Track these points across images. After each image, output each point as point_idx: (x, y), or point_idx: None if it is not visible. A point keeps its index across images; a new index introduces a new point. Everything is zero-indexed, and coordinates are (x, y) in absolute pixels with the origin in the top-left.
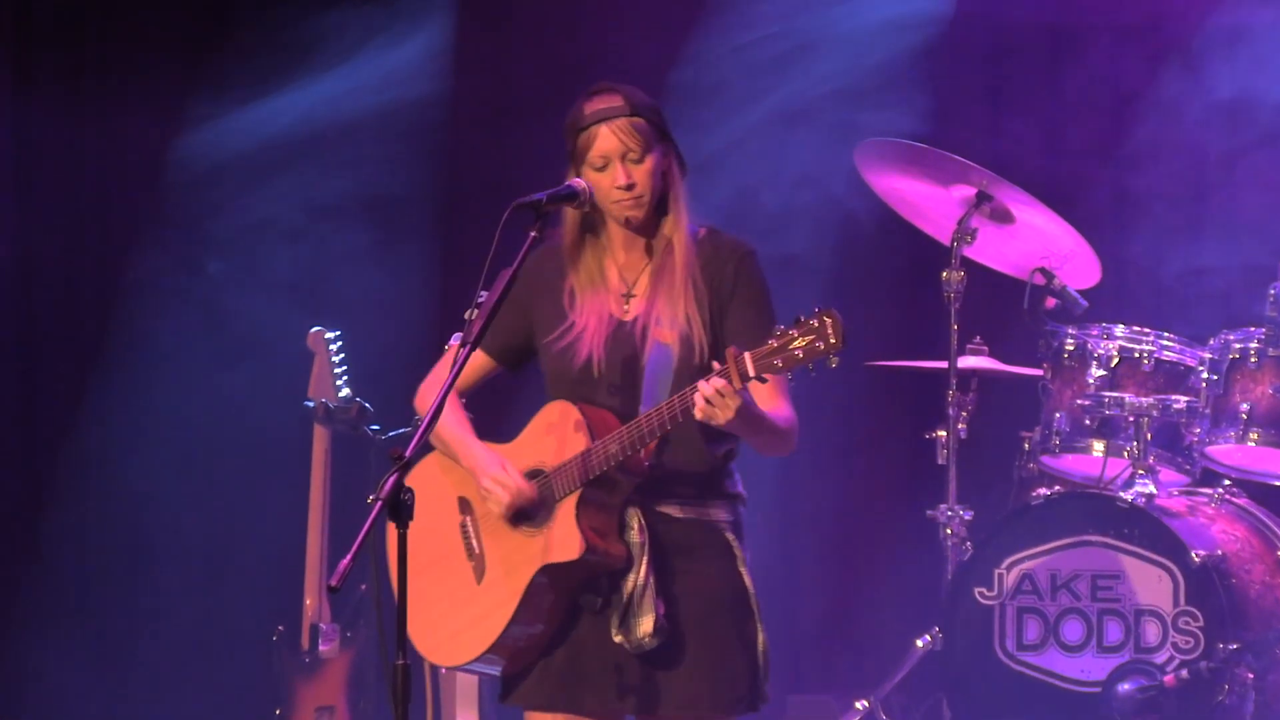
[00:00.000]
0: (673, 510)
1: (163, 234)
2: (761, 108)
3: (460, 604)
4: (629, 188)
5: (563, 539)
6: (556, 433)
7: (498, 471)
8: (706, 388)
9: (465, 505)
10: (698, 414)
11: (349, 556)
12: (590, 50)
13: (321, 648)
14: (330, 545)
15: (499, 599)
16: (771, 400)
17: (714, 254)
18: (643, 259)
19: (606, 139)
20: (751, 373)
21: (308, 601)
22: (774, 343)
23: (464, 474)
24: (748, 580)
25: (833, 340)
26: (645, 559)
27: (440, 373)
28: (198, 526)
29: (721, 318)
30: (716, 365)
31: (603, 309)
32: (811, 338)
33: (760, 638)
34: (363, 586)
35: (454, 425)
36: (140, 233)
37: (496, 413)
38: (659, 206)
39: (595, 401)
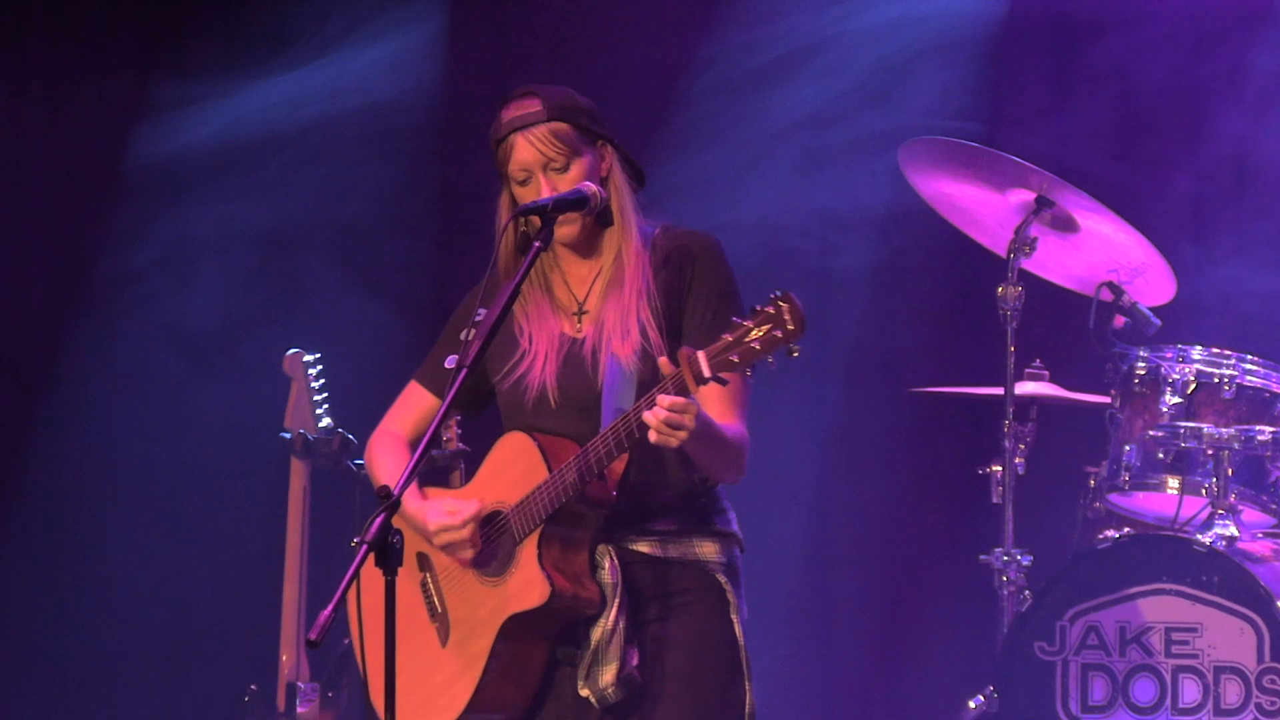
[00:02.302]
0: (652, 549)
1: (118, 243)
2: (790, 110)
3: (427, 670)
4: None
5: (526, 584)
6: (513, 467)
7: (443, 522)
8: (659, 409)
9: (424, 561)
10: (653, 438)
11: (330, 607)
12: (594, 47)
13: (299, 709)
14: (309, 594)
15: (465, 661)
16: (722, 409)
17: (668, 253)
18: (592, 271)
19: (524, 149)
20: (707, 373)
21: (284, 657)
22: (728, 336)
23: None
24: (739, 631)
25: (790, 327)
26: (616, 601)
27: (396, 417)
28: (159, 573)
29: (682, 320)
30: (666, 365)
31: (554, 331)
32: (768, 326)
33: (748, 700)
34: (345, 641)
35: (392, 476)
36: (92, 242)
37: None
38: (601, 215)
39: (555, 431)
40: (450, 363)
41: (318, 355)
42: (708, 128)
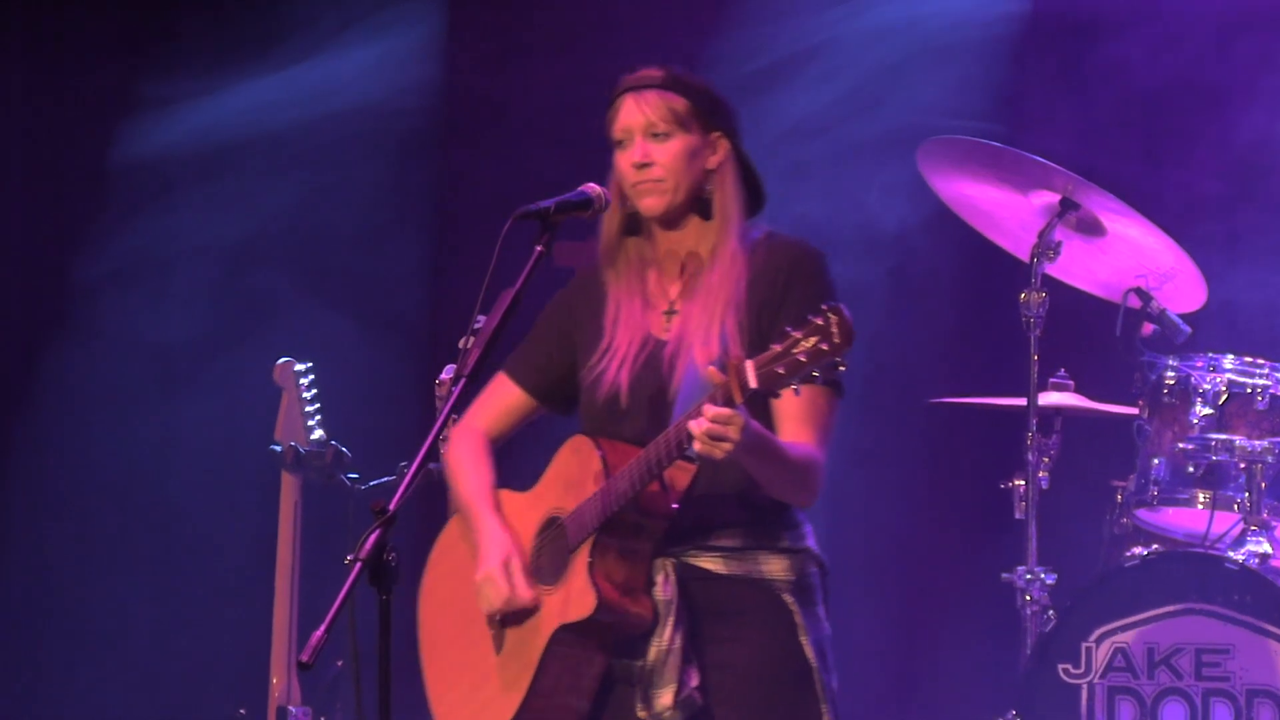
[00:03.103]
0: (713, 564)
1: (100, 247)
2: (800, 112)
3: (481, 679)
4: (643, 166)
5: (576, 594)
6: (574, 472)
7: (494, 568)
8: (702, 420)
9: None
10: (696, 448)
11: (323, 628)
12: (600, 44)
13: None
14: (301, 615)
15: (517, 671)
16: (795, 427)
17: (767, 261)
18: (687, 269)
19: (629, 109)
20: (753, 384)
21: (274, 680)
22: (777, 347)
23: None
24: (810, 654)
25: (836, 340)
26: (671, 619)
27: (480, 411)
28: (144, 593)
29: (771, 334)
30: (714, 374)
31: (639, 328)
32: (815, 339)
33: None
34: (339, 663)
35: (473, 486)
36: (73, 247)
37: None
38: (703, 208)
39: (623, 435)
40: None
41: (309, 364)
42: None
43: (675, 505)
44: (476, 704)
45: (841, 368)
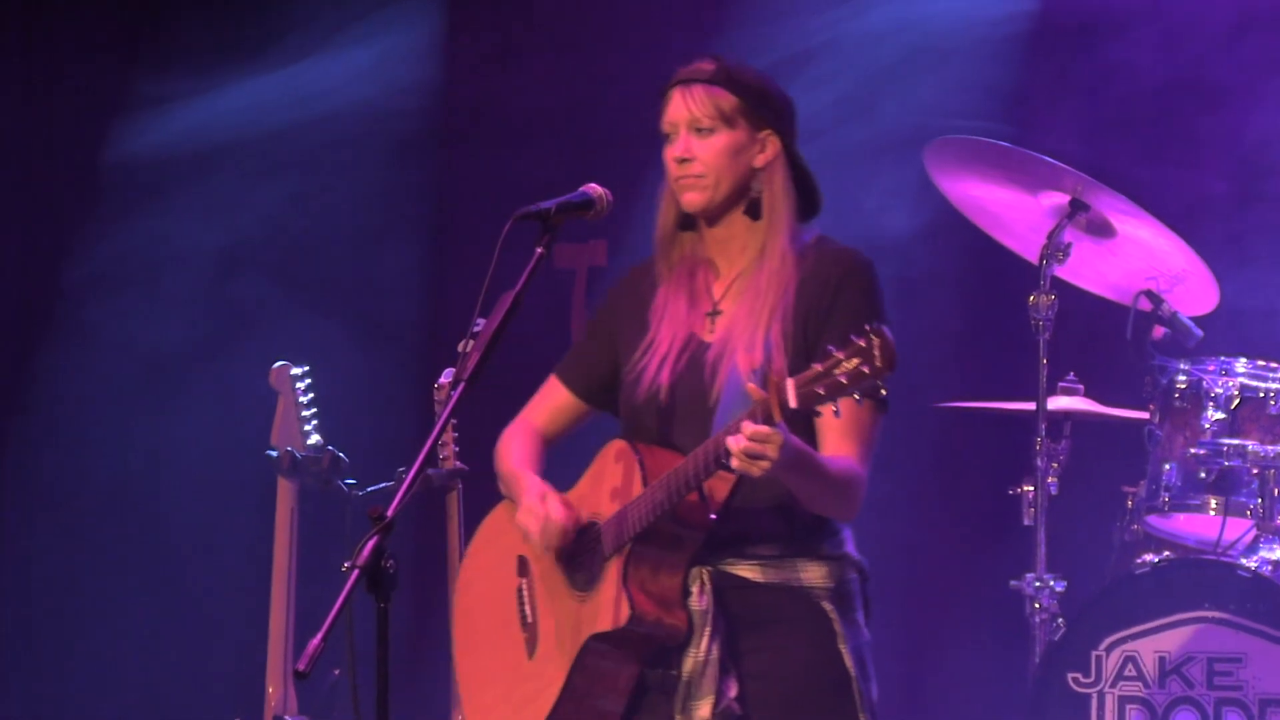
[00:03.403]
0: (751, 573)
1: (95, 249)
2: (803, 111)
3: (513, 682)
4: (684, 161)
5: (607, 604)
6: (612, 477)
7: (531, 500)
8: (740, 437)
9: (523, 565)
10: (734, 464)
11: (320, 636)
12: (599, 46)
13: None
14: (297, 623)
15: (548, 678)
16: (838, 441)
17: (817, 267)
18: (733, 269)
19: (676, 104)
20: (793, 403)
21: (270, 690)
22: (818, 367)
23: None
24: (849, 662)
25: (878, 364)
26: (708, 629)
27: (533, 410)
28: (138, 601)
29: (815, 346)
30: (755, 390)
31: (683, 326)
32: (857, 361)
33: None
34: (336, 672)
35: (516, 456)
36: (66, 247)
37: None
38: (752, 207)
39: (661, 437)
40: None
41: (306, 368)
42: None
43: (714, 516)
44: (510, 707)
45: (882, 391)
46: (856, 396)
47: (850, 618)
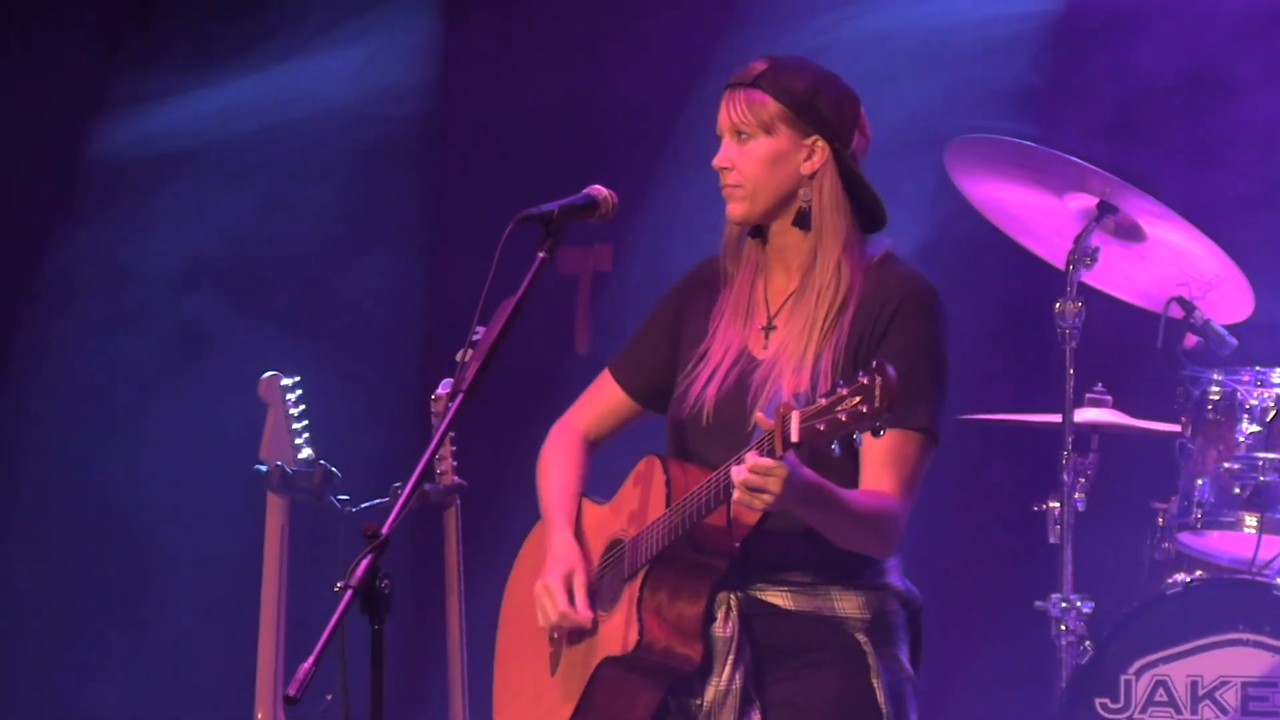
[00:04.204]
0: (781, 600)
1: (73, 253)
2: None
3: (537, 695)
4: (723, 169)
5: (619, 627)
6: (642, 494)
7: (555, 580)
8: (741, 469)
9: None
10: (734, 495)
11: (311, 659)
12: (598, 49)
13: None
14: (288, 645)
15: (564, 696)
16: (876, 473)
17: (878, 289)
18: (790, 282)
19: (723, 109)
20: (794, 437)
21: (259, 715)
22: (823, 401)
23: None
24: (881, 698)
25: (877, 405)
26: (731, 658)
27: (582, 409)
28: (119, 622)
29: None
30: (763, 420)
31: (737, 339)
32: (858, 399)
33: None
34: (328, 697)
35: (555, 491)
36: (43, 252)
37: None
38: (800, 218)
39: (701, 457)
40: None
41: (297, 378)
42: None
43: (737, 544)
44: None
45: (881, 433)
46: (856, 436)
47: (888, 652)
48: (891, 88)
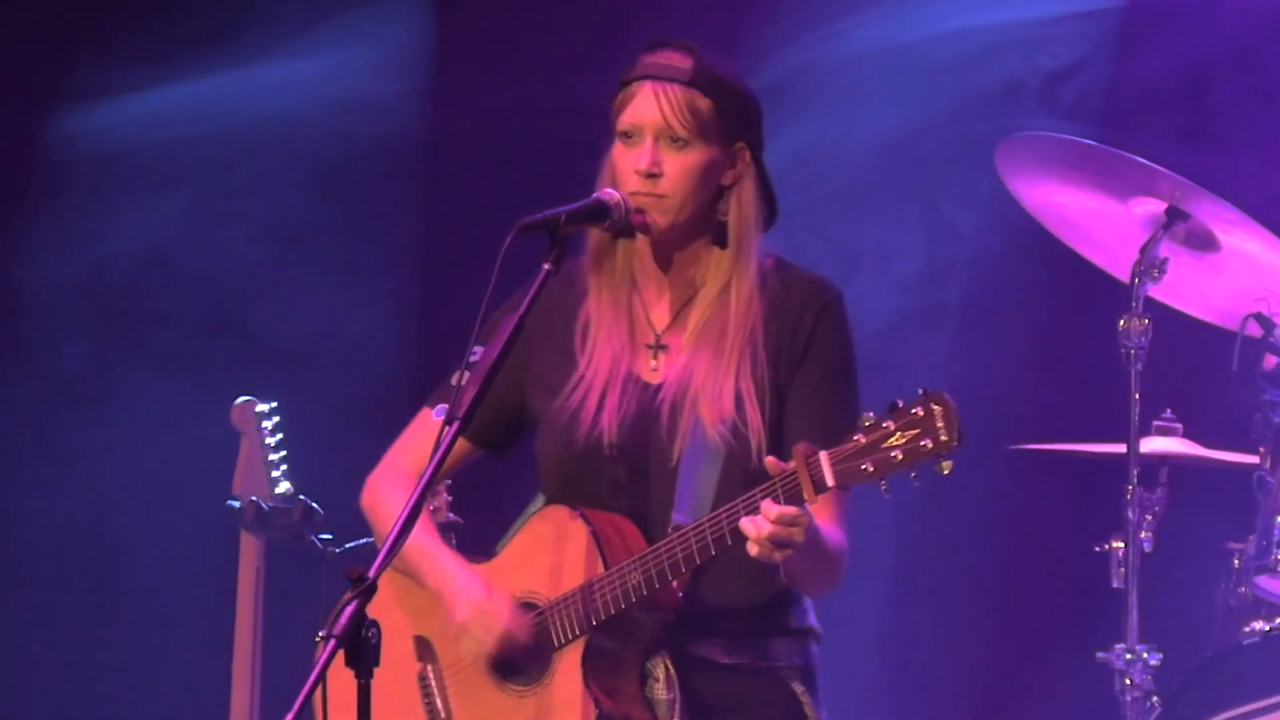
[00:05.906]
0: (717, 654)
1: (41, 260)
2: (854, 112)
3: None
4: (650, 175)
5: (564, 704)
6: (555, 551)
7: (481, 599)
8: (762, 520)
9: (425, 649)
10: (753, 550)
11: (291, 714)
12: (596, 53)
13: None
14: (263, 697)
15: None
16: (827, 515)
17: (783, 299)
18: (680, 297)
19: (647, 104)
20: (830, 481)
21: None
22: (862, 439)
23: (423, 602)
24: None
25: (943, 437)
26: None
27: (404, 456)
28: (84, 672)
29: (786, 393)
30: (774, 464)
31: (620, 361)
32: (915, 433)
33: None
34: None
35: (419, 531)
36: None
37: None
38: (711, 229)
39: (606, 503)
40: (439, 413)
41: (273, 404)
42: None
43: (681, 595)
44: None
45: (946, 470)
46: (913, 474)
47: (816, 698)
48: (940, 87)
